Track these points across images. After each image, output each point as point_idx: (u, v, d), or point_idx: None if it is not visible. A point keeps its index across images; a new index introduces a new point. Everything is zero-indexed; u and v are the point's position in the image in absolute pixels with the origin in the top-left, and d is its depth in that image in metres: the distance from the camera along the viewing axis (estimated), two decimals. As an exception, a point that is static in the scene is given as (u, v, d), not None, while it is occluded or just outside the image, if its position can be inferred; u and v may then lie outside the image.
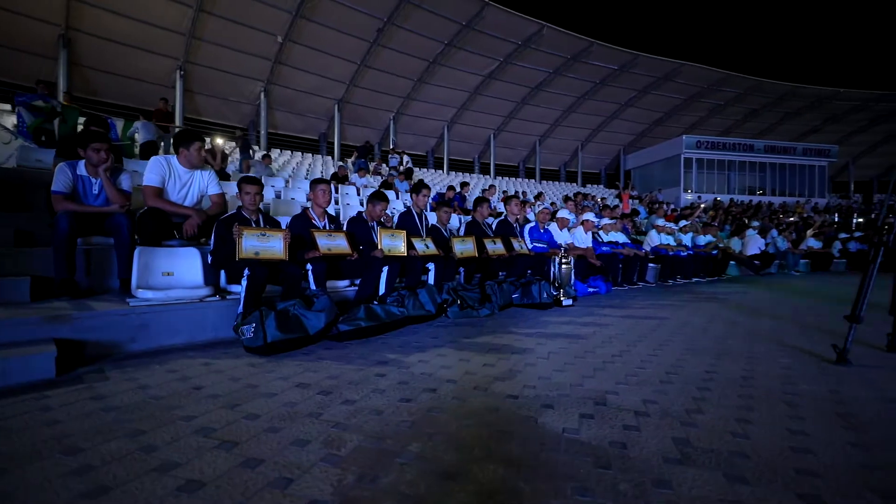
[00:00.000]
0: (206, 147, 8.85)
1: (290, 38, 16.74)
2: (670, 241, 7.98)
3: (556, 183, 26.21)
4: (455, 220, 6.20)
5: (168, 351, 2.53)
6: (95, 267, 3.15)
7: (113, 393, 1.85)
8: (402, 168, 14.83)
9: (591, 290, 5.54)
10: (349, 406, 1.72)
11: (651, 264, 7.55)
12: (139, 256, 2.79)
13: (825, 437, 1.49)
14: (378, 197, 3.93)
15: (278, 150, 19.33)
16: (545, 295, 4.31)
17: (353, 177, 11.83)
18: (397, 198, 9.37)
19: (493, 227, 5.27)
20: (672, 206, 16.35)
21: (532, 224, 5.59)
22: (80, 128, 7.41)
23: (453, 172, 25.11)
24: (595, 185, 27.06)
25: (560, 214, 6.02)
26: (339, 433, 1.48)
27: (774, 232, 10.58)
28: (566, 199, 9.39)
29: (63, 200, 2.93)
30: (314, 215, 3.53)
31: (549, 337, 3.02)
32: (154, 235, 3.05)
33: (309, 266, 3.09)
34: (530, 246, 5.45)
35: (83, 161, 3.06)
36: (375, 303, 3.38)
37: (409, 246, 4.03)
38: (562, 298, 4.49)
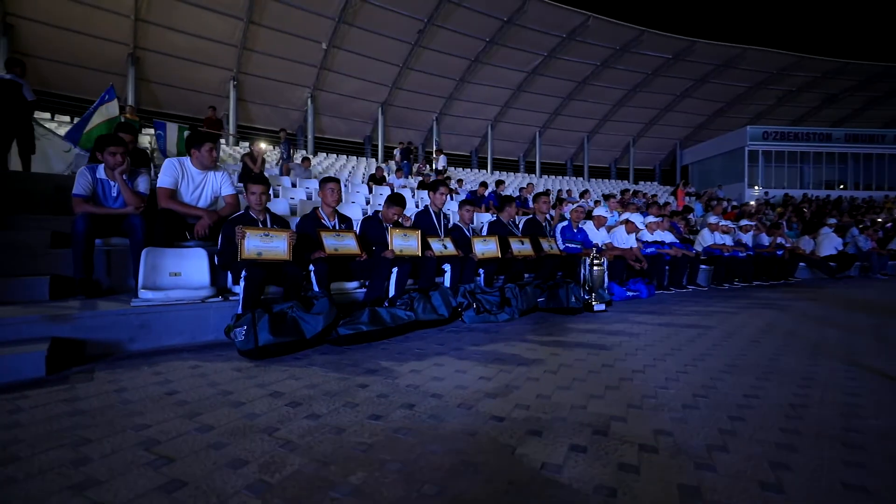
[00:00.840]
0: (245, 151, 9.21)
1: (334, 43, 17.18)
2: (726, 240, 7.25)
3: (606, 181, 25.04)
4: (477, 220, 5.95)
5: (166, 352, 2.51)
6: (116, 267, 3.24)
7: (88, 395, 1.81)
8: (436, 167, 14.76)
9: (630, 293, 5.10)
10: (312, 421, 1.56)
11: (703, 266, 6.90)
12: (146, 257, 2.81)
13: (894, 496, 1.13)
14: (393, 200, 3.78)
15: (324, 154, 19.96)
16: (573, 299, 3.97)
17: (391, 177, 11.87)
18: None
19: (521, 226, 4.97)
20: (733, 203, 15.03)
21: (565, 223, 5.23)
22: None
23: (497, 172, 24.76)
24: (648, 182, 25.60)
25: (597, 212, 5.60)
26: (285, 454, 1.32)
27: (855, 230, 9.36)
28: (607, 196, 8.81)
29: (82, 203, 3.03)
30: (323, 215, 3.45)
31: (566, 346, 2.72)
32: (165, 236, 3.09)
33: (312, 267, 3.00)
34: (562, 246, 5.10)
35: (103, 165, 3.16)
36: (386, 305, 3.24)
37: (426, 246, 3.86)
38: (593, 303, 4.13)
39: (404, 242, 3.60)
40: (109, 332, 2.45)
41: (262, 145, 9.29)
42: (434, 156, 17.07)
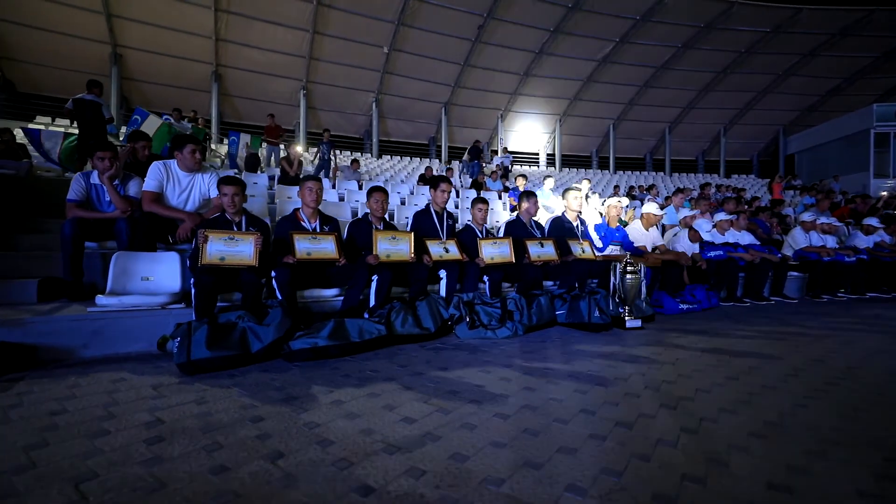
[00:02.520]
0: (283, 154, 9.48)
1: (395, 47, 17.37)
2: (827, 241, 5.92)
3: (692, 175, 22.56)
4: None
5: (115, 360, 2.40)
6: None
7: (-24, 411, 1.69)
8: (490, 165, 14.21)
9: (683, 306, 4.25)
10: (145, 468, 1.26)
11: (794, 273, 5.69)
12: (115, 262, 2.77)
13: None
14: (375, 188, 3.44)
15: (388, 156, 20.36)
16: (596, 313, 3.31)
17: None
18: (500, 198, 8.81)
19: (547, 226, 4.36)
20: (849, 196, 12.54)
21: (599, 221, 4.50)
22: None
23: (566, 169, 23.53)
24: (743, 176, 22.58)
25: (647, 209, 4.78)
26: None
27: None
28: (678, 191, 7.65)
29: (74, 208, 3.09)
30: (303, 216, 3.20)
31: (552, 378, 2.17)
32: (147, 240, 3.05)
33: (273, 272, 2.75)
34: (599, 245, 4.39)
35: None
36: (366, 316, 2.91)
37: (423, 250, 3.46)
38: (626, 318, 3.43)
39: (392, 246, 3.24)
40: (63, 337, 2.40)
41: (298, 148, 9.51)
42: (503, 154, 16.58)
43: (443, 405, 1.79)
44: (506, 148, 16.69)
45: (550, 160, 24.77)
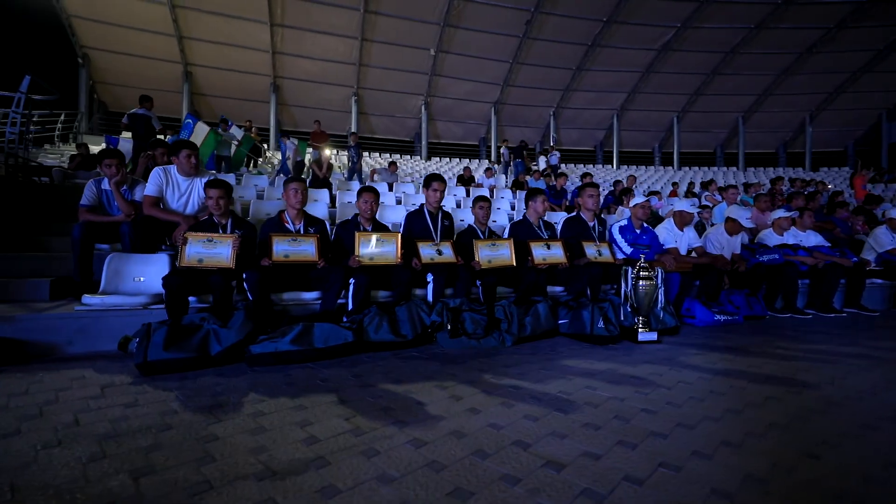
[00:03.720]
0: (314, 158, 9.70)
1: (442, 48, 17.39)
2: (921, 243, 4.95)
3: (771, 169, 20.35)
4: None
5: (91, 357, 2.47)
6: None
7: (-69, 404, 1.79)
8: (543, 164, 13.69)
9: (719, 317, 3.71)
10: (8, 476, 1.21)
11: (877, 280, 4.84)
12: (108, 263, 2.89)
13: None
14: (365, 189, 3.31)
15: (437, 158, 20.44)
16: (600, 324, 2.95)
17: (480, 177, 11.37)
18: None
19: (560, 227, 4.01)
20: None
21: (622, 222, 4.05)
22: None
23: (625, 166, 22.23)
24: (835, 169, 19.92)
25: (679, 207, 4.24)
26: None
27: None
28: (724, 188, 6.77)
29: (85, 212, 3.30)
30: (288, 218, 3.16)
31: (515, 399, 1.90)
32: (145, 242, 3.17)
33: (244, 274, 2.72)
34: (627, 251, 3.95)
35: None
36: (345, 320, 2.81)
37: (412, 252, 3.30)
38: (638, 329, 3.03)
39: (377, 249, 3.10)
40: (49, 334, 2.53)
41: (327, 152, 9.69)
42: (551, 152, 16.04)
43: (363, 425, 1.61)
44: (552, 146, 16.00)
45: (608, 157, 23.54)
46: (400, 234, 3.17)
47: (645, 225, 4.07)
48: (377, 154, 19.00)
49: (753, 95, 20.51)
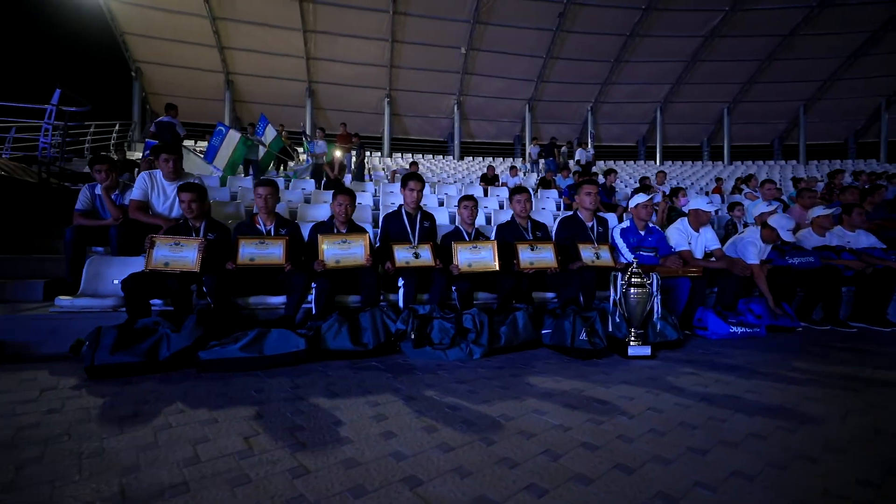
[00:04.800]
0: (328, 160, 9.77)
1: (473, 46, 17.19)
2: None
3: (839, 161, 18.51)
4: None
5: (58, 358, 2.53)
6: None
7: None
8: (581, 157, 13.16)
9: (735, 329, 3.29)
10: None
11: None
12: (88, 266, 2.96)
13: None
14: (339, 191, 3.20)
15: (470, 158, 20.24)
16: (582, 336, 2.67)
17: (504, 176, 11.07)
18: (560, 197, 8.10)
19: (555, 227, 3.72)
20: None
21: (624, 224, 3.70)
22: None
23: (668, 161, 21.03)
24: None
25: (693, 205, 3.83)
26: None
27: None
28: (767, 181, 6.08)
29: (78, 216, 3.42)
30: (260, 220, 3.11)
31: (445, 423, 1.71)
32: (129, 246, 3.23)
33: (204, 277, 2.68)
34: (629, 256, 3.61)
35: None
36: (307, 325, 2.72)
37: (385, 256, 3.15)
38: (630, 342, 2.72)
39: (343, 251, 2.98)
40: (24, 334, 2.60)
41: (338, 153, 9.72)
42: (585, 149, 15.44)
43: (258, 446, 1.48)
44: (585, 142, 15.35)
45: (650, 153, 22.38)
46: (367, 236, 3.03)
47: (651, 225, 3.70)
48: (409, 155, 19.09)
49: (817, 81, 18.72)
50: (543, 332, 2.93)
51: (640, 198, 3.71)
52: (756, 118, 20.63)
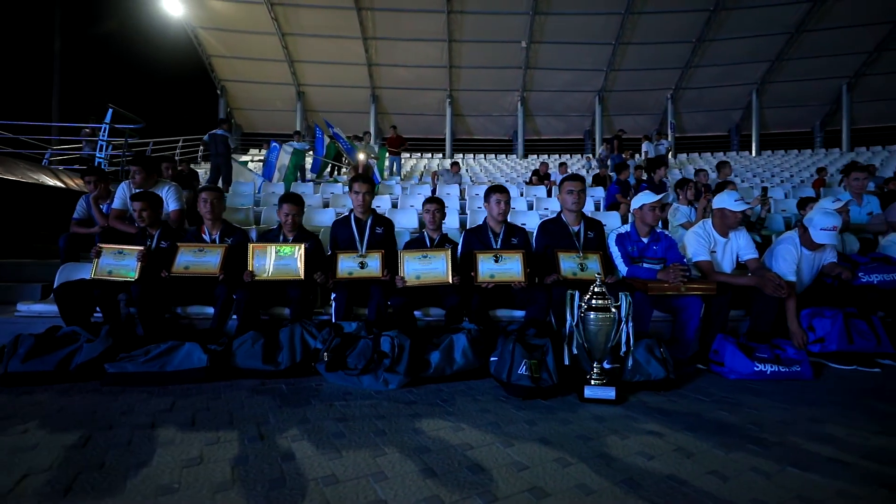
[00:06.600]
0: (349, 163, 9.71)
1: (534, 39, 16.42)
2: None
3: None
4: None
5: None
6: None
7: None
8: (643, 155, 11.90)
9: (762, 368, 2.53)
10: None
11: None
12: (60, 272, 3.12)
13: None
14: (285, 198, 2.99)
15: (535, 155, 19.40)
16: (522, 370, 2.19)
17: (555, 174, 10.31)
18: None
19: (535, 234, 3.18)
20: None
21: (623, 228, 3.03)
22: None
23: (768, 151, 18.31)
24: None
25: (720, 204, 3.04)
26: None
27: None
28: (853, 170, 4.66)
29: (74, 225, 3.67)
30: (206, 228, 3.04)
31: (252, 474, 1.42)
32: (108, 252, 3.37)
33: (132, 287, 2.65)
34: (623, 270, 2.96)
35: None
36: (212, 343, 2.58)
37: (332, 265, 2.91)
38: (592, 380, 2.18)
39: (275, 262, 2.78)
40: (-6, 337, 2.80)
41: (361, 156, 9.65)
42: (657, 141, 14.00)
43: (30, 486, 1.31)
44: (659, 132, 13.81)
45: (745, 142, 19.66)
46: (303, 246, 2.80)
47: (658, 231, 3.01)
48: (471, 156, 18.81)
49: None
50: (491, 358, 2.47)
51: (647, 197, 3.02)
52: (885, 94, 17.04)
